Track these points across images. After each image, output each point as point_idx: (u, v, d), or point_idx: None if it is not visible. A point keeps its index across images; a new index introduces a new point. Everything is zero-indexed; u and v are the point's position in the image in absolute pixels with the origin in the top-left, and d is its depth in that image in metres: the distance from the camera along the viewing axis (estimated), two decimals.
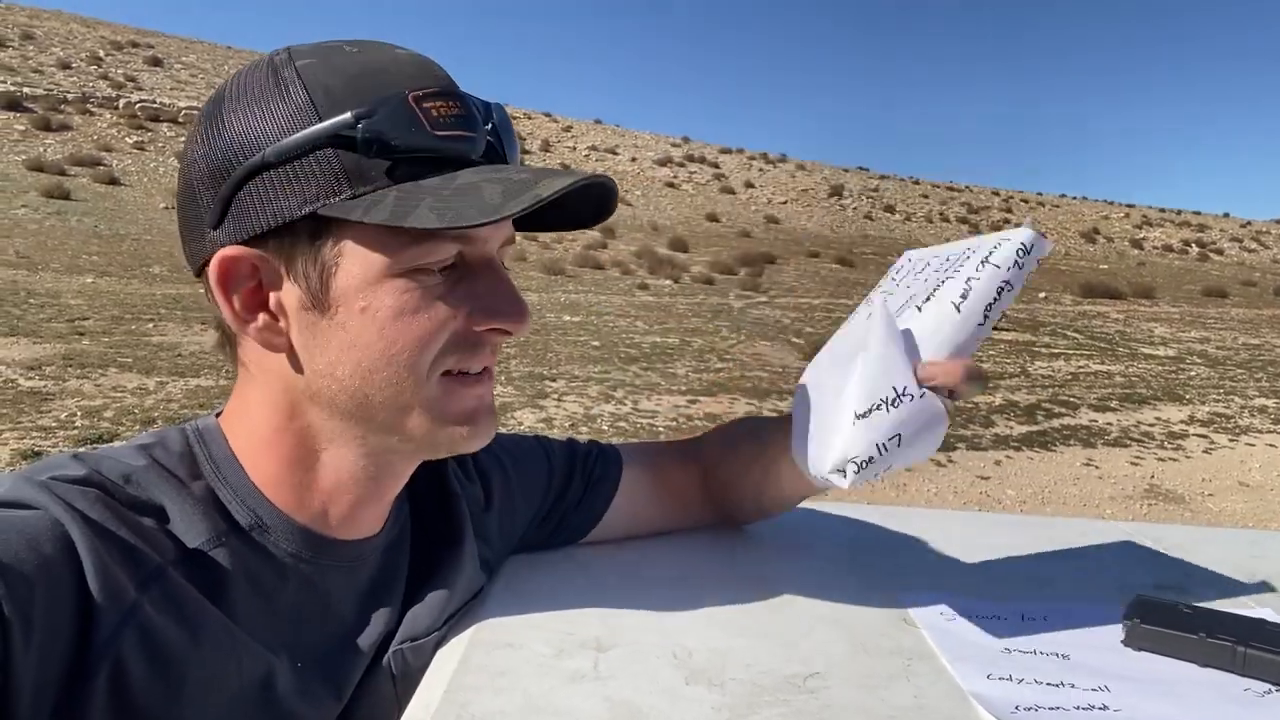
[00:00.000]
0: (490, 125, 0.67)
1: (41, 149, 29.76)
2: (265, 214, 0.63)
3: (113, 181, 27.63)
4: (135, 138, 32.60)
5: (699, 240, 33.61)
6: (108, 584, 0.58)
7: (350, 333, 0.65)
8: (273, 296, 0.66)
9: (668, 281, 22.05)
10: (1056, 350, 13.01)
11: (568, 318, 13.76)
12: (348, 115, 0.61)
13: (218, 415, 0.74)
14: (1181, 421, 8.62)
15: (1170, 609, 0.79)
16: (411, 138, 0.62)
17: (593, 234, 31.52)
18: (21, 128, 31.42)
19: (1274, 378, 11.57)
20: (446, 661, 0.72)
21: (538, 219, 0.72)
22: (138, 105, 34.97)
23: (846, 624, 0.79)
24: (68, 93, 34.42)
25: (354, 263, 0.63)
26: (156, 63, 41.31)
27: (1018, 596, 0.88)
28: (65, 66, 37.88)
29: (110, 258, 16.37)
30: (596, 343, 11.25)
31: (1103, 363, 11.98)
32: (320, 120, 0.61)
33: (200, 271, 0.67)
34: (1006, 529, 1.13)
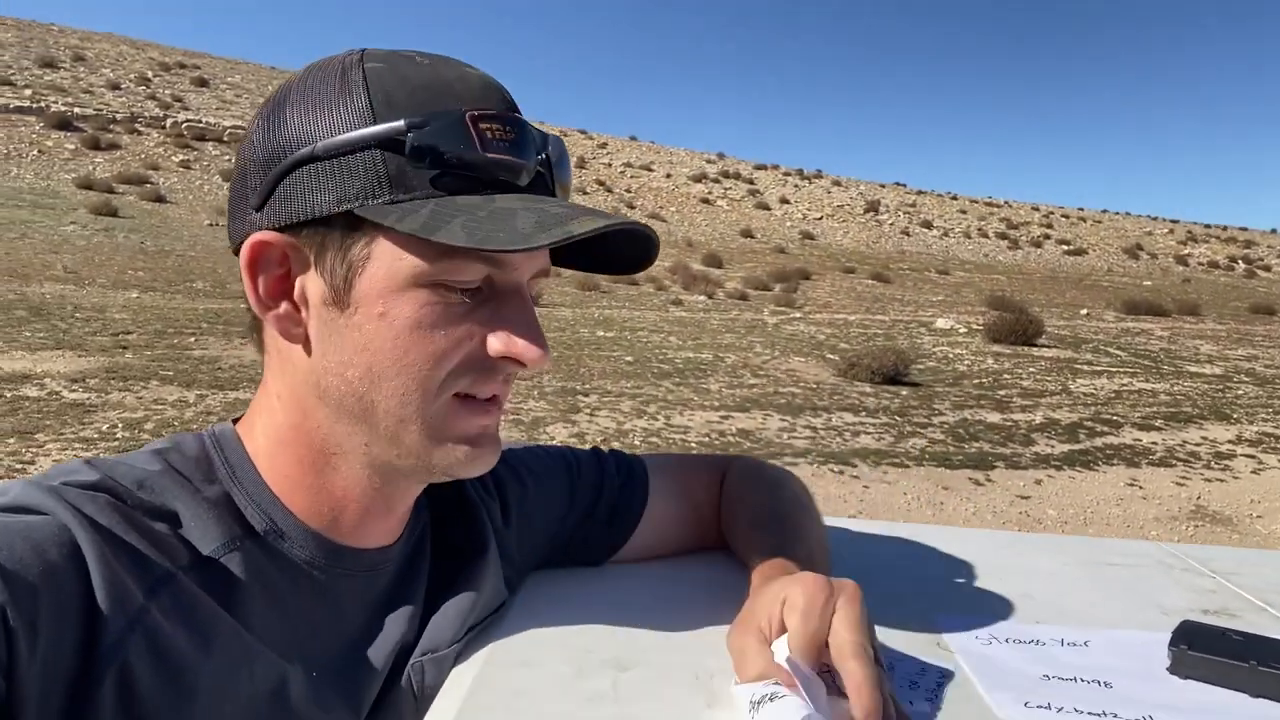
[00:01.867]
0: (544, 156, 0.67)
1: (91, 167, 30.55)
2: (304, 204, 0.63)
3: (159, 199, 28.26)
4: (181, 156, 33.32)
5: (733, 256, 33.58)
6: (114, 590, 0.57)
7: (365, 335, 0.64)
8: (298, 286, 0.66)
9: (701, 297, 22.02)
10: (1099, 367, 12.77)
11: (601, 333, 13.78)
12: (401, 122, 0.61)
13: (236, 421, 0.74)
14: (1229, 441, 8.40)
15: (1219, 635, 0.75)
16: (459, 153, 0.62)
17: None
18: (72, 146, 32.27)
19: None
20: (462, 680, 0.70)
21: (577, 257, 0.74)
22: (184, 125, 35.76)
23: (879, 645, 0.77)
24: (116, 113, 35.32)
25: (380, 266, 0.63)
26: (203, 83, 42.25)
27: (1058, 620, 0.84)
28: (115, 87, 38.88)
29: (155, 273, 16.71)
30: (630, 358, 11.25)
31: (1147, 380, 11.73)
32: (375, 124, 0.62)
33: (238, 250, 0.67)
34: (1045, 550, 1.09)
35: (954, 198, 64.53)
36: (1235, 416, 9.57)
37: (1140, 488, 6.76)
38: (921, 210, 55.50)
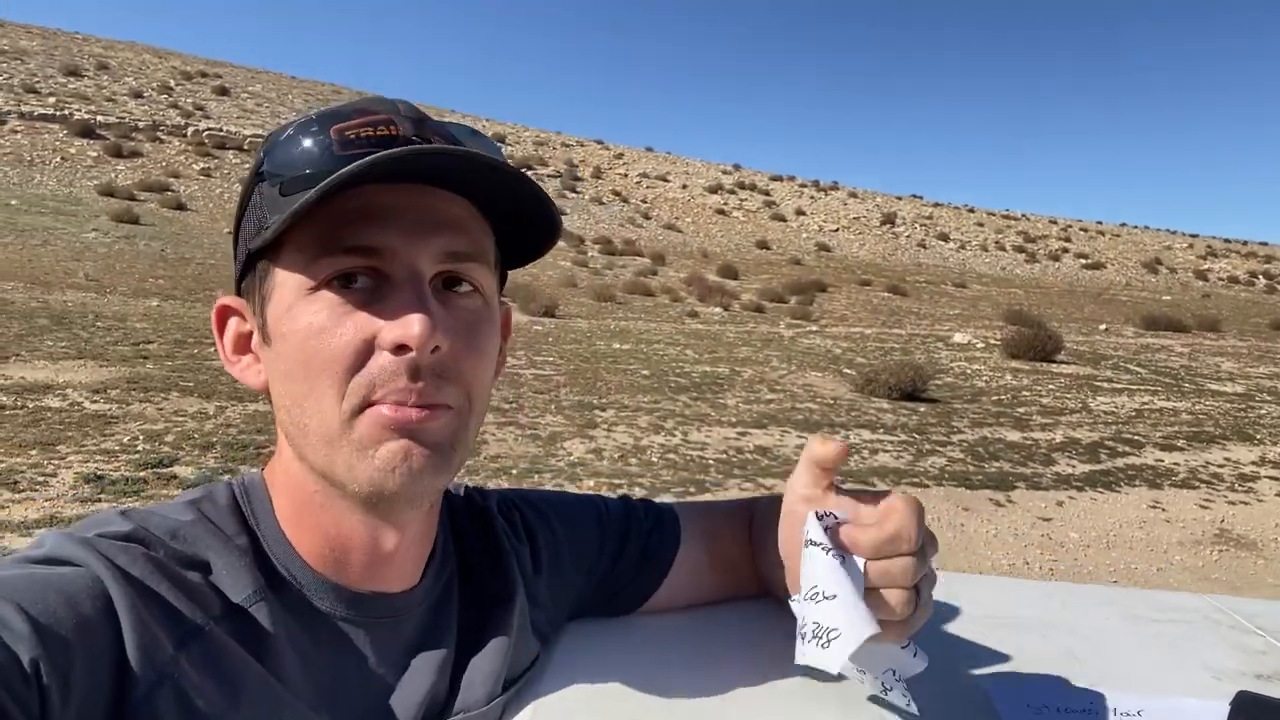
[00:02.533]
0: (425, 140, 0.65)
1: (113, 175, 30.87)
2: (237, 263, 0.69)
3: (180, 207, 28.52)
4: (202, 164, 33.64)
5: (749, 268, 33.55)
6: (145, 642, 0.57)
7: (282, 361, 0.65)
8: (252, 338, 0.69)
9: (718, 309, 21.99)
10: (1119, 385, 12.66)
11: (618, 345, 13.78)
12: (262, 152, 0.65)
13: (265, 467, 0.75)
14: (1253, 463, 8.30)
15: (1277, 710, 0.73)
16: (310, 161, 0.62)
17: (643, 261, 31.61)
18: (94, 154, 32.63)
19: None
20: None
21: (520, 244, 0.73)
22: (205, 133, 36.11)
23: (920, 706, 0.75)
24: (139, 120, 35.70)
25: (282, 290, 0.64)
26: (224, 92, 42.67)
27: (1106, 682, 0.82)
28: (137, 95, 39.32)
29: (175, 281, 16.85)
30: (646, 371, 11.23)
31: (1168, 399, 11.62)
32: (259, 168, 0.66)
33: None
34: (1088, 602, 1.07)
35: (971, 210, 64.31)
36: (1259, 437, 9.46)
37: (1163, 510, 6.68)
38: (938, 223, 55.32)
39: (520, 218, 0.71)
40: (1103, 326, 23.39)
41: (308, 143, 0.63)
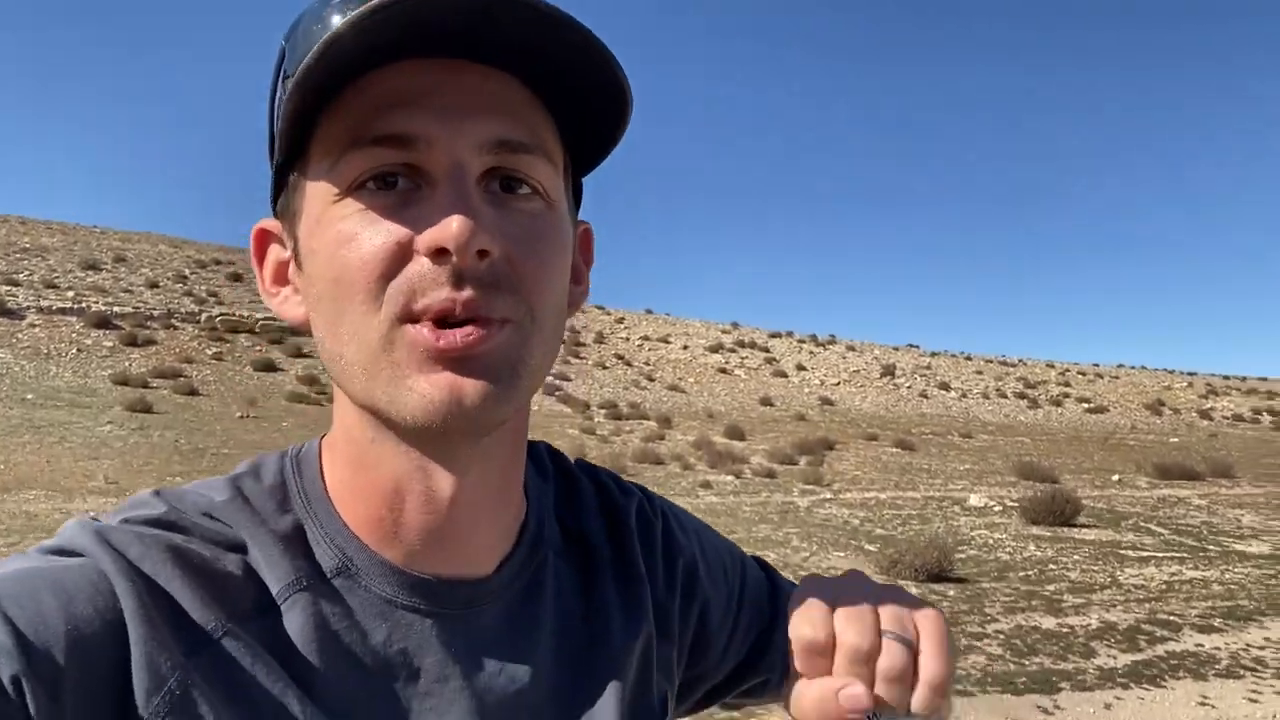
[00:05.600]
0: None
1: (127, 363, 31.56)
2: (272, 181, 0.62)
3: (192, 392, 29.00)
4: (214, 349, 34.43)
5: (755, 426, 33.74)
6: (151, 649, 0.51)
7: (316, 284, 0.57)
8: (290, 267, 0.62)
9: (729, 477, 21.98)
10: (1145, 552, 12.55)
11: None
12: (283, 39, 0.57)
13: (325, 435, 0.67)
14: None
15: None
16: (319, 35, 0.52)
17: (650, 425, 31.83)
18: (110, 344, 33.47)
19: None
20: None
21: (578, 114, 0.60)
22: (218, 318, 37.14)
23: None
24: (154, 309, 36.80)
25: (312, 201, 0.57)
26: (237, 278, 44.29)
27: None
28: (153, 285, 40.74)
29: (192, 477, 16.88)
30: None
31: (1195, 567, 11.48)
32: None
33: None
34: None
35: (968, 358, 65.33)
36: None
37: (1213, 707, 6.51)
38: (937, 372, 56.09)
39: (584, 105, 0.59)
40: (1115, 477, 23.31)
41: (330, 16, 0.53)
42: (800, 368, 51.33)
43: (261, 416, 24.89)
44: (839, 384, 48.92)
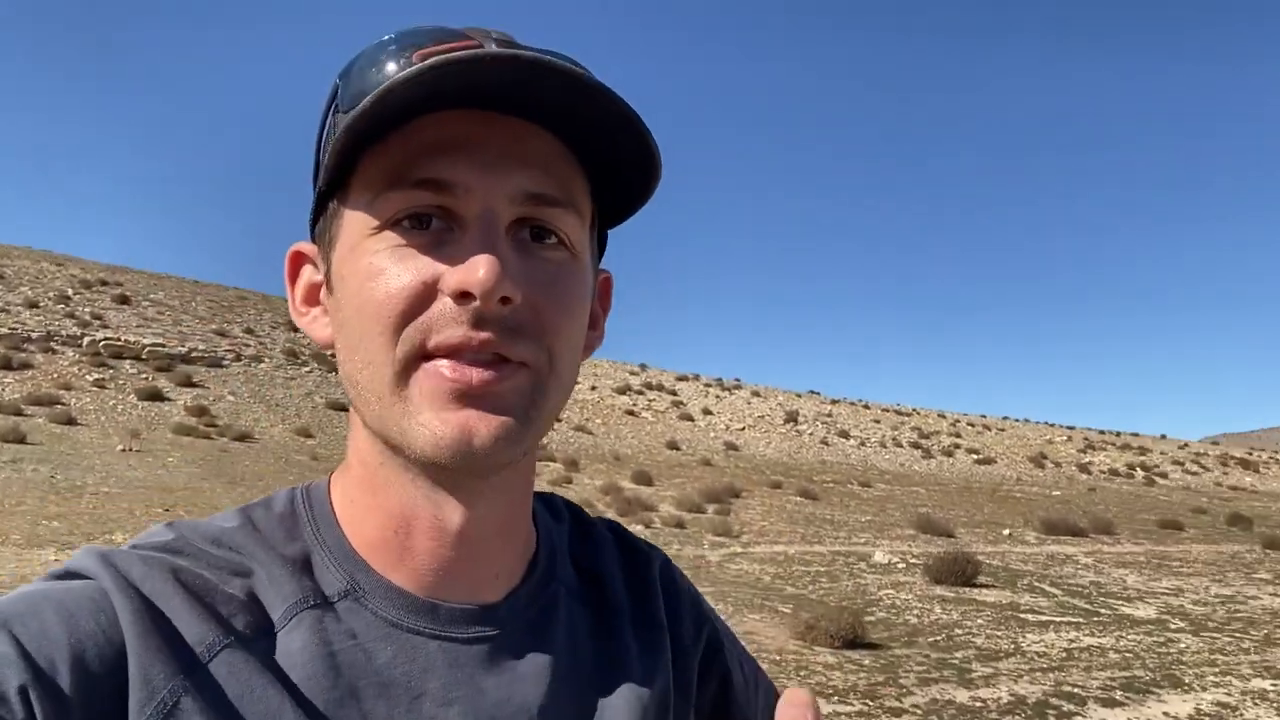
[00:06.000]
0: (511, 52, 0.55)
1: (0, 389, 29.50)
2: (313, 206, 0.65)
3: (70, 421, 27.26)
4: (96, 375, 32.57)
5: (662, 471, 33.82)
6: (146, 662, 0.53)
7: (343, 309, 0.60)
8: (321, 288, 0.65)
9: (639, 526, 21.86)
10: (1043, 615, 12.99)
11: None
12: (338, 77, 0.60)
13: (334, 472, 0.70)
14: (1190, 716, 8.50)
15: None
16: (379, 80, 0.55)
17: (557, 468, 31.53)
18: None
19: (1261, 646, 11.61)
20: None
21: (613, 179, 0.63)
22: (102, 343, 35.20)
23: None
24: (32, 331, 34.63)
25: (348, 230, 0.60)
26: (124, 300, 42.05)
27: None
28: (33, 305, 38.35)
29: (71, 521, 15.82)
30: None
31: (1091, 633, 11.94)
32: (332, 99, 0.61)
33: None
34: None
35: (866, 406, 67.21)
36: (1187, 681, 9.73)
37: None
38: (838, 420, 57.46)
39: (615, 166, 0.62)
40: (1006, 531, 24.23)
41: (386, 63, 0.57)
42: (706, 412, 51.83)
43: (145, 450, 23.45)
44: (744, 429, 49.58)
